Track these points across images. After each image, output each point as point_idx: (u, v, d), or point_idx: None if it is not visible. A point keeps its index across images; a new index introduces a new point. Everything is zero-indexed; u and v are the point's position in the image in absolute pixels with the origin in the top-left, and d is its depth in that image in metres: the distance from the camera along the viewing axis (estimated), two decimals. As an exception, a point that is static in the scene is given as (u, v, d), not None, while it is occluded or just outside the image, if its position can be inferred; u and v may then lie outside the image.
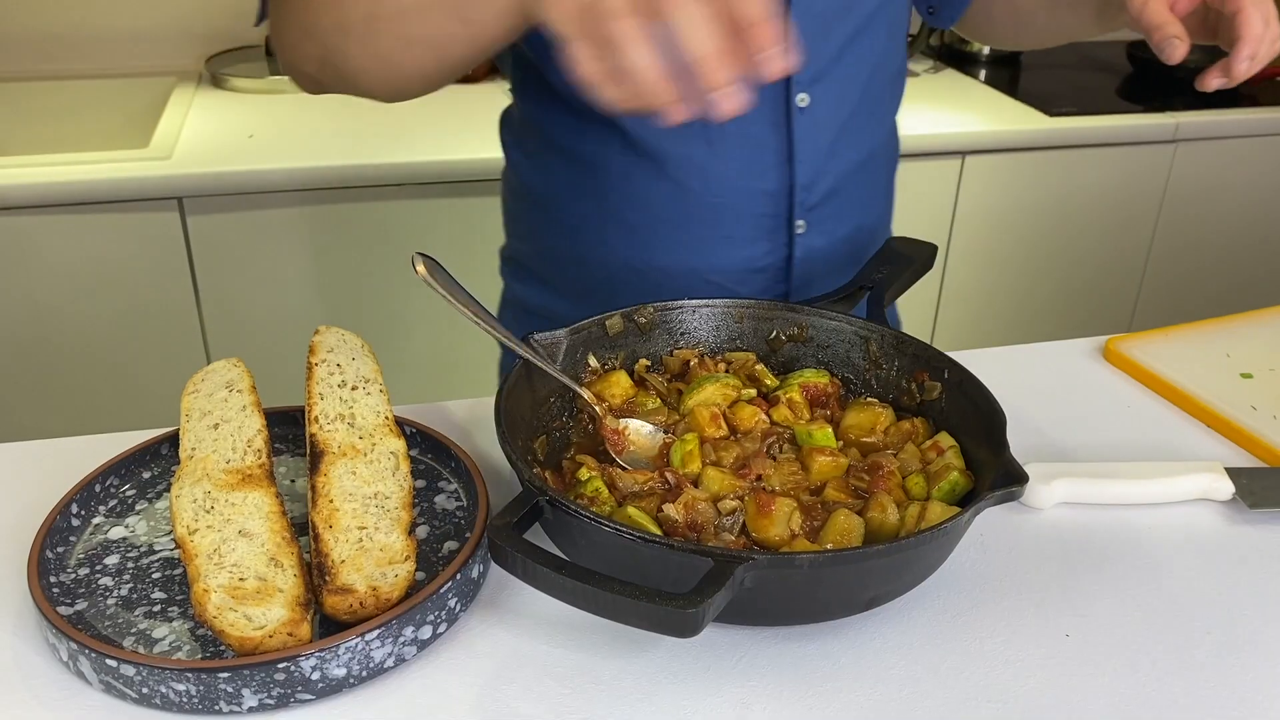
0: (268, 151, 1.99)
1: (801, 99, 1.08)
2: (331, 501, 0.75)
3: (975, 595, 0.79)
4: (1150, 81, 2.71)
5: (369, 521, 0.75)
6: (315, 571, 0.71)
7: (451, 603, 0.73)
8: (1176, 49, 0.88)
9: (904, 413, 0.93)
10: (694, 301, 0.98)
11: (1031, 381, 1.08)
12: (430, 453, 0.88)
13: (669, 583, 0.70)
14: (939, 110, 2.41)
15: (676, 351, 0.98)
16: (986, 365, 0.91)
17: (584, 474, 0.83)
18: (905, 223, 1.32)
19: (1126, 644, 0.75)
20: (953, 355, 0.92)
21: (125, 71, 2.42)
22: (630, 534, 0.69)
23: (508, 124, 1.23)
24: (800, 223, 1.13)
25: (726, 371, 0.95)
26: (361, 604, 0.69)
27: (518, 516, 0.71)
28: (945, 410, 0.90)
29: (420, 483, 0.85)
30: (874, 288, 1.04)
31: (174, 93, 2.30)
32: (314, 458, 0.79)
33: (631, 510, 0.78)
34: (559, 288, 1.22)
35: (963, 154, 2.36)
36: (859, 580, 0.72)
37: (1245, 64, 0.90)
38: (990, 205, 2.43)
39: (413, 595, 0.71)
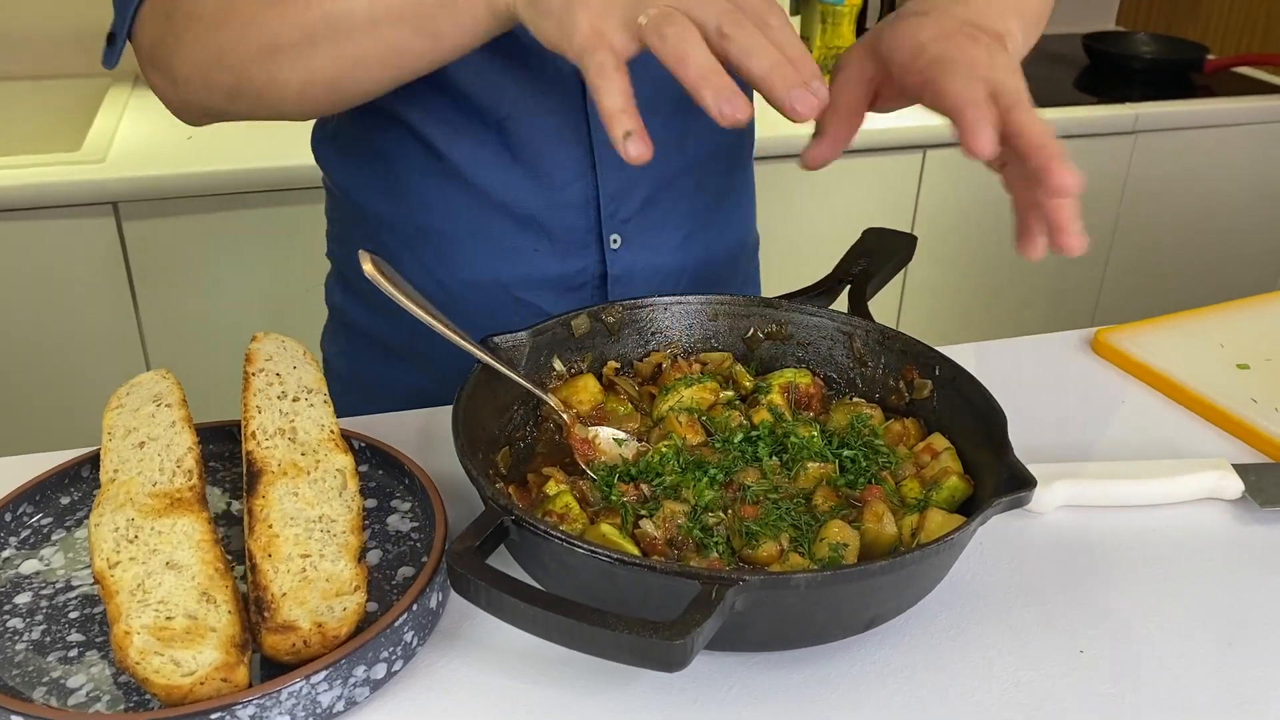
0: (207, 153, 1.90)
1: (614, 240, 0.99)
2: (270, 527, 0.68)
3: (979, 609, 0.73)
4: (1108, 73, 2.69)
5: (313, 548, 0.67)
6: (253, 607, 0.63)
7: (408, 637, 0.65)
8: (814, 148, 0.78)
9: (893, 413, 0.87)
10: (665, 299, 0.91)
11: (1019, 377, 1.03)
12: (382, 469, 0.81)
13: (650, 609, 0.63)
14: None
15: (648, 354, 0.91)
16: (969, 361, 0.85)
17: (552, 488, 0.76)
18: (867, 219, 1.26)
19: (1144, 659, 0.70)
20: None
21: (56, 72, 2.32)
22: (606, 555, 0.62)
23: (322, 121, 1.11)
24: (615, 237, 1.03)
25: (702, 374, 0.89)
26: (305, 642, 0.61)
27: (480, 539, 0.63)
28: (938, 410, 0.84)
29: (371, 502, 0.77)
30: (854, 281, 0.98)
31: (108, 94, 2.20)
32: (251, 478, 0.71)
33: (605, 528, 0.71)
34: (367, 300, 1.10)
35: (924, 148, 2.32)
36: (860, 600, 0.65)
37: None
38: (952, 200, 2.39)
39: (364, 630, 0.63)
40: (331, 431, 0.77)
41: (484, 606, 0.61)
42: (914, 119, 2.28)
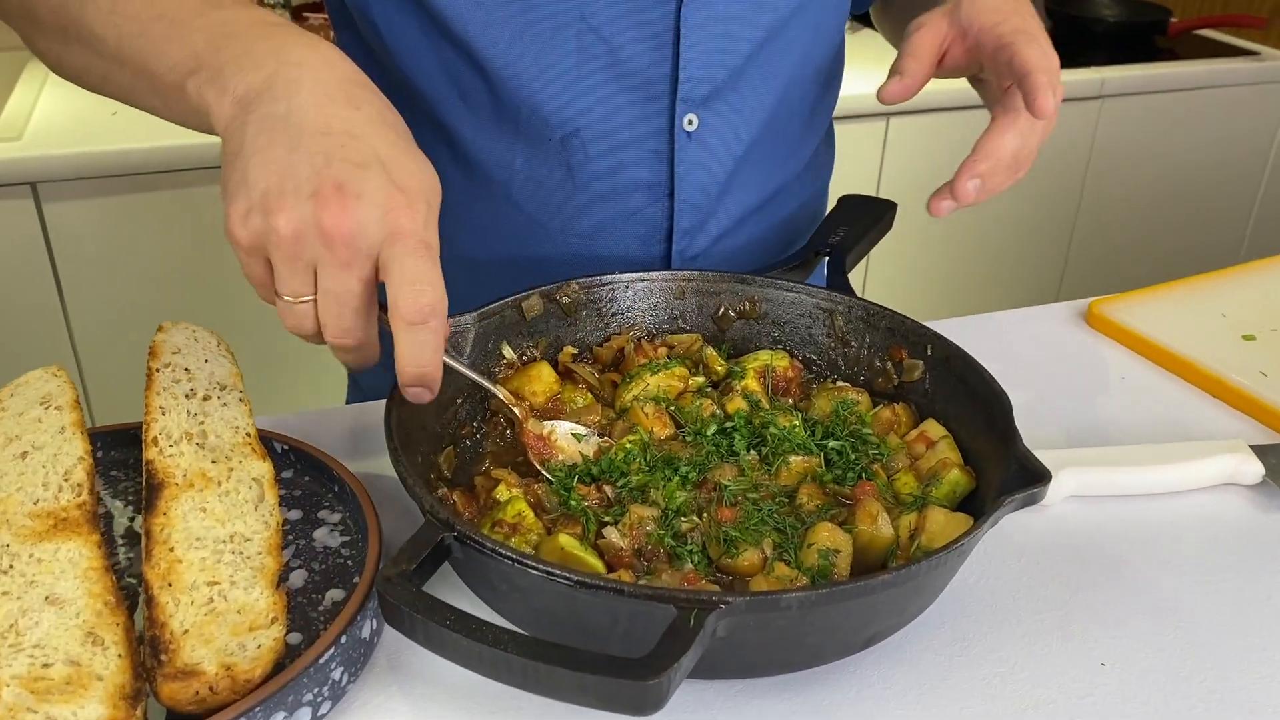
0: (133, 129, 1.77)
1: (689, 121, 0.88)
2: (172, 550, 0.58)
3: (987, 618, 0.65)
4: (1072, 38, 2.62)
5: (222, 574, 0.57)
6: (148, 649, 0.54)
7: (336, 674, 0.56)
8: (893, 84, 0.81)
9: (881, 398, 0.79)
10: (626, 276, 0.82)
11: (1011, 353, 0.95)
12: (308, 474, 0.71)
13: (618, 636, 0.55)
14: (861, 71, 2.27)
15: (609, 337, 0.82)
16: (953, 337, 0.77)
17: (502, 493, 0.67)
18: (831, 188, 1.17)
19: (1172, 672, 0.62)
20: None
21: (-32, 46, 2.17)
22: (564, 576, 0.53)
23: None
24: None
25: (669, 358, 0.80)
26: (212, 689, 0.52)
27: (416, 561, 0.54)
28: (930, 393, 0.76)
29: (294, 514, 0.68)
30: (833, 252, 0.89)
31: (25, 69, 2.06)
32: (151, 492, 0.61)
33: (564, 539, 0.62)
34: None
35: (887, 116, 2.24)
36: (859, 618, 0.57)
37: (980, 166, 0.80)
38: (916, 168, 2.31)
39: (283, 669, 0.54)
40: (247, 434, 0.67)
41: (421, 642, 0.52)
42: (876, 85, 2.20)
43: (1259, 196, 2.70)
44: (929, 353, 0.76)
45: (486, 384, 0.71)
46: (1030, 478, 0.61)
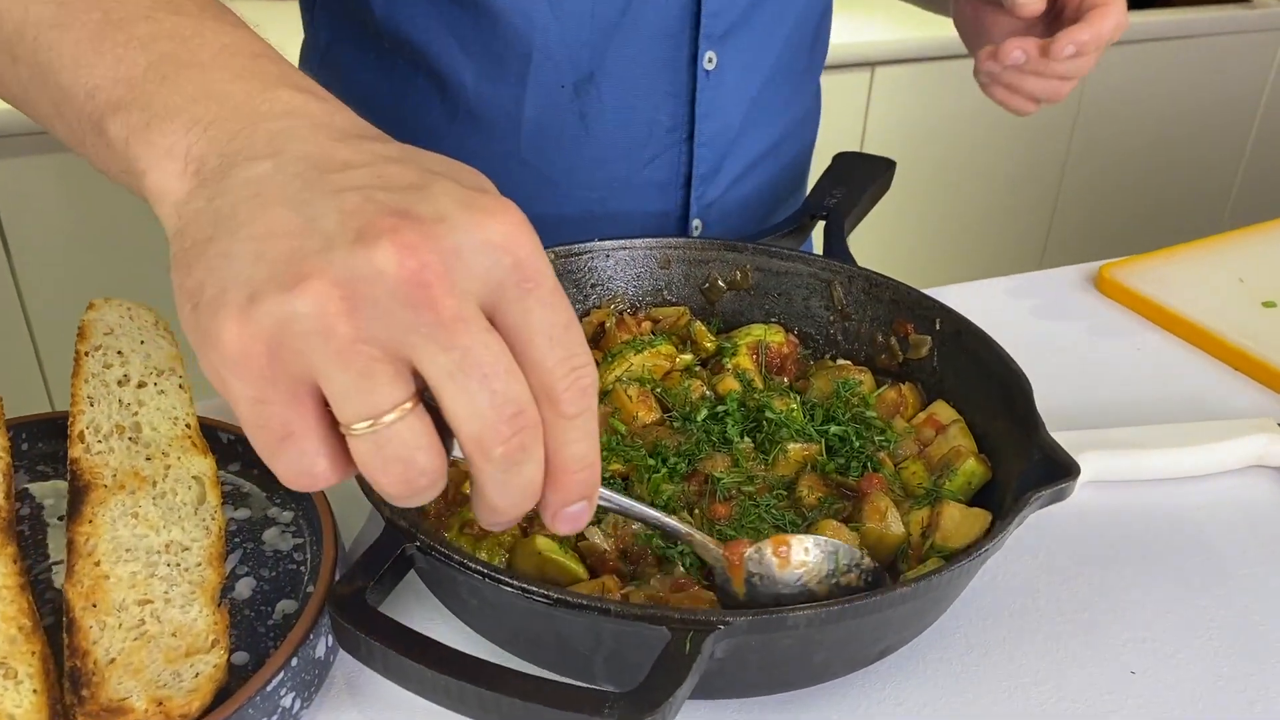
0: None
1: (709, 59, 0.83)
2: (98, 564, 0.51)
3: (1004, 622, 0.60)
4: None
5: (156, 590, 0.51)
6: (68, 681, 0.47)
7: (286, 700, 0.50)
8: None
9: (884, 376, 0.73)
10: (607, 243, 0.75)
11: (1015, 321, 0.89)
12: (257, 466, 0.64)
13: (603, 655, 0.49)
14: (845, 20, 2.20)
15: (588, 311, 0.75)
16: (949, 304, 0.71)
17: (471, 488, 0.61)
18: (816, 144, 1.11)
19: (1208, 681, 0.57)
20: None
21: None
22: (542, 595, 0.47)
23: (305, 60, 0.94)
24: (696, 222, 0.90)
25: (654, 334, 0.73)
26: (141, 727, 0.45)
27: (375, 576, 0.48)
28: (939, 372, 0.70)
29: (241, 513, 0.61)
30: (829, 215, 0.82)
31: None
32: (75, 495, 0.55)
33: (541, 542, 0.56)
34: None
35: (872, 65, 2.16)
36: (871, 633, 0.51)
37: (1065, 48, 0.76)
38: (902, 119, 2.24)
39: (229, 699, 0.47)
40: (187, 426, 0.60)
41: (381, 671, 0.46)
42: (861, 34, 2.13)
43: (1249, 145, 2.65)
44: (937, 327, 0.70)
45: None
46: (1056, 470, 0.56)
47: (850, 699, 0.54)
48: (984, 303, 0.92)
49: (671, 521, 0.54)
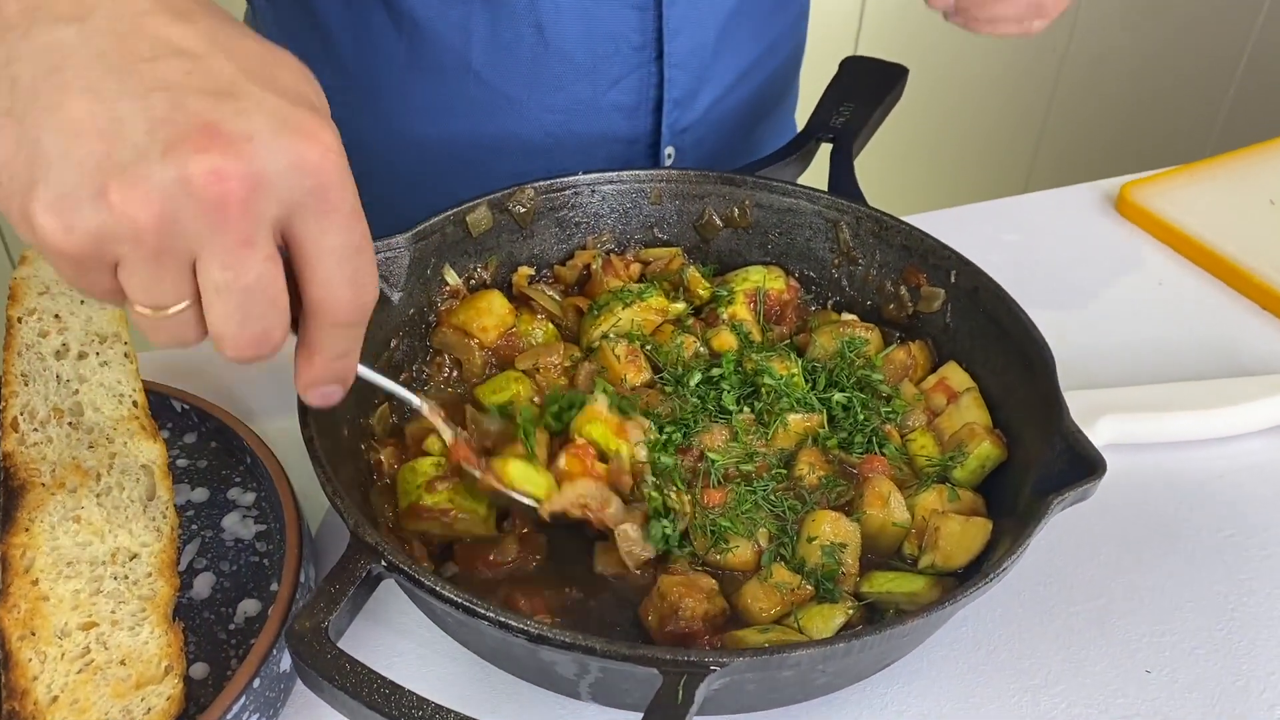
0: None
1: None
2: (36, 583, 0.47)
3: (1011, 614, 0.56)
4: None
5: (102, 611, 0.47)
6: (5, 723, 0.44)
7: (249, 723, 0.46)
8: None
9: (891, 328, 0.67)
10: (590, 176, 0.69)
11: (1029, 250, 0.83)
12: (214, 439, 0.60)
13: (589, 681, 0.45)
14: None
15: (572, 253, 0.69)
16: (947, 229, 0.66)
17: (434, 445, 0.56)
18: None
19: (1227, 680, 0.54)
20: (909, 220, 0.67)
21: None
22: (523, 629, 0.43)
23: None
24: (669, 149, 0.82)
25: (643, 279, 0.68)
26: (88, 773, 0.42)
27: (336, 608, 0.44)
28: (952, 328, 0.65)
29: (199, 494, 0.57)
30: (837, 137, 0.76)
31: None
32: (9, 498, 0.50)
33: (514, 468, 0.53)
34: None
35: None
36: (875, 656, 0.48)
37: None
38: (901, 28, 2.09)
39: (181, 731, 0.44)
40: (134, 403, 0.55)
41: (344, 713, 0.42)
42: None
43: (1236, 75, 2.50)
44: (952, 280, 0.64)
45: (407, 396, 0.53)
46: (1080, 467, 0.51)
47: (851, 708, 0.52)
48: (985, 224, 0.86)
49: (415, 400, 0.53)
